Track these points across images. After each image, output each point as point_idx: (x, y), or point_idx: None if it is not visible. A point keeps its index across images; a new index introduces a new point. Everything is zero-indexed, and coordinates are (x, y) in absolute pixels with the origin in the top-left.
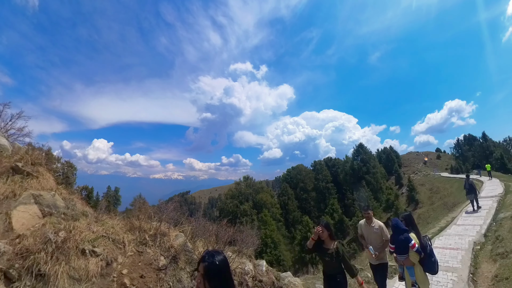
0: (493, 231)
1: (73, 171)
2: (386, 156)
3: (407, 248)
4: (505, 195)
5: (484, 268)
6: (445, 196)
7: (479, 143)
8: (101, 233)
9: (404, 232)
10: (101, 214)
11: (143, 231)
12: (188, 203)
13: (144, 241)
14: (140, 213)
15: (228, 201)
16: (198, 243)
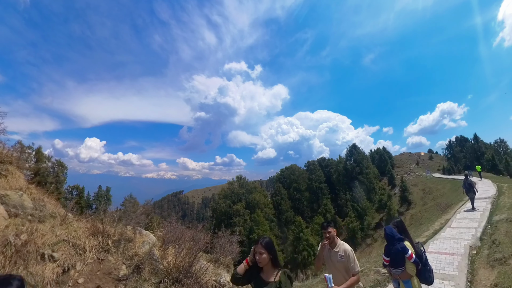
0: (489, 235)
1: (63, 170)
2: (379, 156)
3: (403, 260)
4: (498, 196)
5: (482, 275)
6: (438, 197)
7: (470, 145)
8: (63, 237)
9: (400, 241)
10: (68, 216)
11: (107, 235)
12: (181, 203)
13: (106, 247)
14: (105, 216)
15: (221, 201)
16: (169, 251)
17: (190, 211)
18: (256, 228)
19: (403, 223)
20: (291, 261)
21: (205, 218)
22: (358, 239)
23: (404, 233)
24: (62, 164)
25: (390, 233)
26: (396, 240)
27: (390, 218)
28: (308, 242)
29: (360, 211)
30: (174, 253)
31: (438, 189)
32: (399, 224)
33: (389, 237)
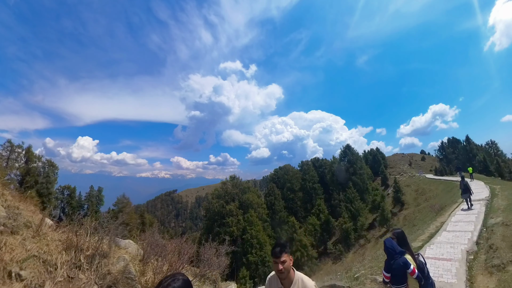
0: (485, 239)
1: (54, 170)
2: (373, 157)
3: (405, 276)
4: (491, 198)
5: (480, 282)
6: (431, 198)
7: (462, 146)
8: (34, 252)
9: (401, 255)
10: (45, 224)
11: (80, 250)
12: (174, 202)
13: (78, 263)
14: (81, 227)
15: (214, 201)
16: (149, 266)
17: (183, 210)
18: (249, 228)
19: (404, 234)
20: None
21: (198, 217)
22: (352, 239)
23: (405, 245)
24: (53, 164)
25: (390, 247)
26: (397, 254)
27: (384, 219)
28: (301, 243)
29: (354, 212)
30: (154, 268)
31: (431, 190)
32: (399, 236)
33: (389, 251)
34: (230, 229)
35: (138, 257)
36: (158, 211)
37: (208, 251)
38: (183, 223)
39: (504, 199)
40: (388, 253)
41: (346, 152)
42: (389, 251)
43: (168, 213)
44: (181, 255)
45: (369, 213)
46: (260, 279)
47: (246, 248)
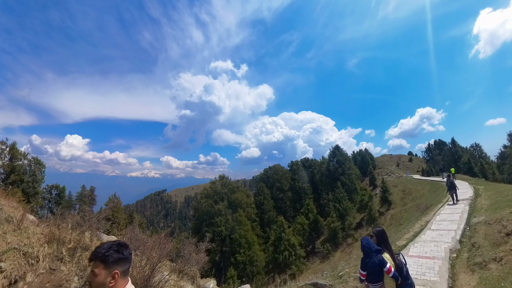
0: (468, 237)
1: (41, 168)
2: (362, 158)
3: (381, 274)
4: (475, 198)
5: (463, 280)
6: (417, 198)
7: (448, 148)
8: (15, 244)
9: (377, 253)
10: (27, 220)
11: (62, 243)
12: (164, 202)
13: (60, 256)
14: (63, 221)
15: (203, 201)
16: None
17: (172, 210)
18: (238, 228)
19: (384, 233)
20: (272, 260)
21: (187, 217)
22: (339, 239)
23: (384, 243)
24: (40, 162)
25: (366, 245)
26: (373, 252)
27: (371, 218)
28: (289, 242)
29: (342, 211)
30: (133, 262)
31: (418, 190)
32: (379, 234)
33: (365, 249)
34: (219, 228)
35: None
36: (147, 211)
37: (188, 247)
38: (172, 223)
39: (487, 199)
40: (364, 251)
41: (335, 152)
42: (365, 249)
43: (157, 213)
44: (160, 250)
45: (356, 212)
46: (248, 279)
47: (235, 248)
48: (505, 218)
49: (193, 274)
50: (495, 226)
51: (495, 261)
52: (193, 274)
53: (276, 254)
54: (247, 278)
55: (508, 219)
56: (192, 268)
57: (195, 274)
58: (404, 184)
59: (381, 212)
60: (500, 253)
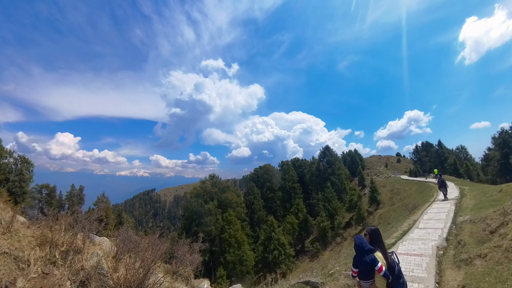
0: (454, 235)
1: (29, 167)
2: (351, 158)
3: (372, 272)
4: (461, 198)
5: (449, 276)
6: (405, 198)
7: (435, 150)
8: (5, 248)
9: (369, 252)
10: (17, 221)
11: (55, 245)
12: (153, 201)
13: (53, 259)
14: (55, 223)
15: (193, 200)
16: (122, 262)
17: (161, 209)
18: (227, 227)
19: (377, 232)
20: (262, 260)
21: (176, 217)
22: (329, 237)
23: (377, 242)
24: (27, 161)
25: (359, 243)
26: (365, 251)
27: (360, 217)
28: (279, 242)
29: (331, 211)
30: (127, 265)
31: (406, 190)
32: (372, 233)
33: (357, 248)
34: (208, 228)
35: (111, 253)
36: (136, 210)
37: (182, 248)
38: (161, 223)
39: (472, 199)
40: (357, 250)
41: (326, 153)
42: (358, 248)
43: (146, 213)
44: (154, 251)
45: (346, 212)
46: (237, 278)
47: (224, 248)
48: (490, 217)
49: (187, 275)
50: (480, 224)
51: (480, 258)
52: (187, 275)
53: (265, 254)
54: (237, 277)
55: (492, 218)
56: (186, 269)
57: (189, 275)
58: (392, 184)
59: (369, 212)
60: (485, 250)
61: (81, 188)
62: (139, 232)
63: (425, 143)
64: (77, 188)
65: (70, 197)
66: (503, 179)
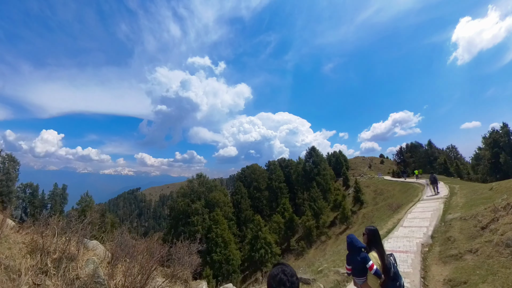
0: (442, 232)
1: (15, 166)
2: (336, 159)
3: (365, 270)
4: (451, 196)
5: (434, 271)
6: (388, 198)
7: (424, 150)
8: None
9: (360, 251)
10: (7, 226)
11: (47, 253)
12: (138, 201)
13: (45, 268)
14: (46, 227)
15: (179, 200)
16: (118, 268)
17: (146, 209)
18: (214, 227)
19: (374, 232)
20: (248, 259)
21: (162, 217)
22: (314, 236)
23: (374, 242)
24: (14, 159)
25: (350, 242)
26: (357, 249)
27: (344, 217)
28: (266, 240)
29: (317, 210)
30: (124, 271)
31: (389, 190)
32: (369, 233)
33: (349, 246)
34: (195, 228)
35: (106, 259)
36: (120, 210)
37: (180, 250)
38: (146, 223)
39: (462, 197)
40: (348, 248)
41: (312, 153)
42: (349, 247)
43: (130, 212)
44: (151, 255)
45: (330, 211)
46: (223, 278)
47: (211, 247)
48: (480, 214)
49: (186, 278)
50: (471, 221)
51: (470, 253)
52: (186, 277)
53: (252, 252)
54: (223, 277)
55: (483, 214)
56: (185, 272)
57: (188, 277)
58: (376, 184)
59: (353, 211)
60: (476, 245)
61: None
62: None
63: (411, 144)
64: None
65: (53, 196)
66: (493, 178)
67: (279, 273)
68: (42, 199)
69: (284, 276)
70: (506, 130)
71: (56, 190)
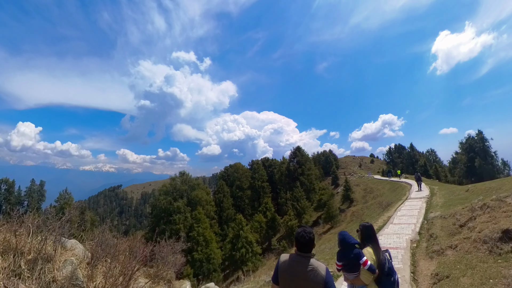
0: (426, 229)
1: None
2: (325, 158)
3: (358, 266)
4: (431, 196)
5: (423, 266)
6: (378, 196)
7: (407, 152)
8: None
9: (353, 247)
10: None
11: (20, 253)
12: (119, 198)
13: (18, 270)
14: (21, 226)
15: (161, 198)
16: (98, 269)
17: (128, 207)
18: (196, 225)
19: (369, 229)
20: (229, 258)
21: (143, 215)
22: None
23: (368, 238)
24: None
25: (342, 239)
26: (349, 246)
27: (329, 216)
28: (247, 240)
29: (299, 210)
30: (105, 272)
31: (379, 189)
32: (363, 229)
33: (341, 243)
34: (177, 226)
35: (85, 259)
36: (101, 207)
37: (164, 249)
38: (127, 221)
39: (441, 197)
40: (340, 245)
41: (296, 153)
42: (341, 243)
43: (111, 210)
44: (134, 255)
45: (313, 211)
46: (204, 276)
47: (192, 246)
48: (459, 213)
49: (169, 278)
50: (450, 219)
51: (451, 248)
52: (170, 277)
53: (233, 251)
54: (203, 276)
55: (461, 213)
56: (168, 271)
57: (171, 277)
58: (366, 183)
59: (342, 209)
60: (455, 241)
61: (42, 183)
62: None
63: (398, 146)
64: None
65: (30, 193)
66: (468, 180)
67: (301, 231)
68: (18, 195)
69: (304, 233)
70: (481, 136)
71: (33, 186)
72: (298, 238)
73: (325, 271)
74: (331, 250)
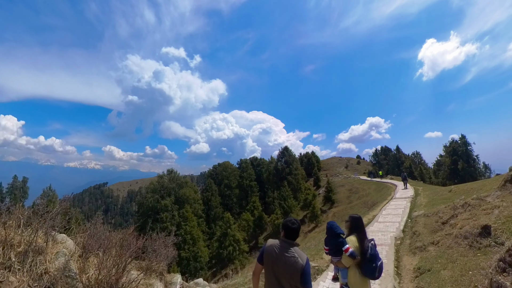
0: (410, 227)
1: None
2: (308, 160)
3: (341, 251)
4: (416, 196)
5: (406, 261)
6: (363, 196)
7: (393, 154)
8: None
9: (338, 237)
10: None
11: (10, 246)
12: (104, 196)
13: (8, 263)
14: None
15: (149, 195)
16: (90, 261)
17: (113, 205)
18: (184, 224)
19: (358, 220)
20: (216, 256)
21: (129, 213)
22: None
23: (356, 229)
24: None
25: (330, 228)
26: (335, 235)
27: (314, 215)
28: (234, 238)
29: (286, 209)
30: (98, 264)
31: (364, 189)
32: (352, 220)
33: (328, 231)
34: (164, 224)
35: (76, 252)
36: (86, 205)
37: (156, 242)
38: (113, 220)
39: (425, 197)
40: (327, 233)
41: (284, 153)
42: (328, 232)
43: (96, 208)
44: (125, 248)
45: (300, 210)
46: (191, 275)
47: (179, 244)
48: (441, 211)
49: (161, 270)
50: (433, 217)
51: (433, 244)
52: (162, 270)
53: (221, 250)
54: (190, 274)
55: (444, 211)
56: (160, 264)
57: (163, 270)
58: (351, 184)
59: (323, 210)
60: (437, 238)
61: (25, 180)
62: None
63: (384, 148)
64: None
65: (12, 190)
66: (451, 182)
67: (290, 219)
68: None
69: (293, 220)
70: (464, 141)
71: (15, 183)
72: (286, 224)
73: (305, 260)
74: (316, 247)
